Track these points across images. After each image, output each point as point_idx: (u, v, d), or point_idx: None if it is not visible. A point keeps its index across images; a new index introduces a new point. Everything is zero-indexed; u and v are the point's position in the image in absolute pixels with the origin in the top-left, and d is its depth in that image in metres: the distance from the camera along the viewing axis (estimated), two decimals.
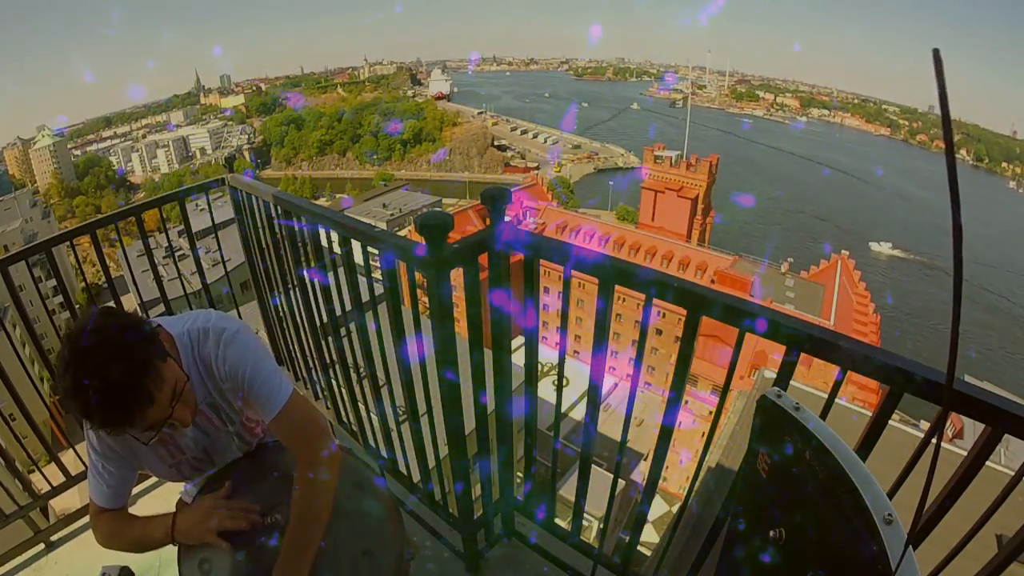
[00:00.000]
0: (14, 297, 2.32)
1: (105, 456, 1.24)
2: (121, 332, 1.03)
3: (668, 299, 1.39)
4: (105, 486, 1.26)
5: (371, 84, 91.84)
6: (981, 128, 77.33)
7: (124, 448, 1.25)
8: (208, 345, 1.23)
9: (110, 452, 1.24)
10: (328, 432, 1.28)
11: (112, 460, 1.25)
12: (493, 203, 1.59)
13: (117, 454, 1.24)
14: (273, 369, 1.26)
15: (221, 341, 1.23)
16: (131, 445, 1.24)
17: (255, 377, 1.22)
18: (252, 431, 1.41)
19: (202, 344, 1.23)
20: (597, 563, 2.03)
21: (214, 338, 1.23)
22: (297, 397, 1.27)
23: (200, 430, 1.32)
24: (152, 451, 1.27)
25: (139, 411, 1.03)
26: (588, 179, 70.05)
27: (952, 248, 0.49)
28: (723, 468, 5.61)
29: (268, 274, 2.78)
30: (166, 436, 1.28)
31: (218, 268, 3.53)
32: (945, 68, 0.46)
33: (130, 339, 1.03)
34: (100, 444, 1.23)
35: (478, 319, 1.74)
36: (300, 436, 1.24)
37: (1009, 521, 1.14)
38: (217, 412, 1.32)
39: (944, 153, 0.49)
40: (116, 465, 1.25)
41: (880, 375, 1.11)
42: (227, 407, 1.32)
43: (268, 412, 1.23)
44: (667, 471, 18.07)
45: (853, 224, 57.52)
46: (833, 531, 0.87)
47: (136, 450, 1.26)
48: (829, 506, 0.87)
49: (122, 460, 1.26)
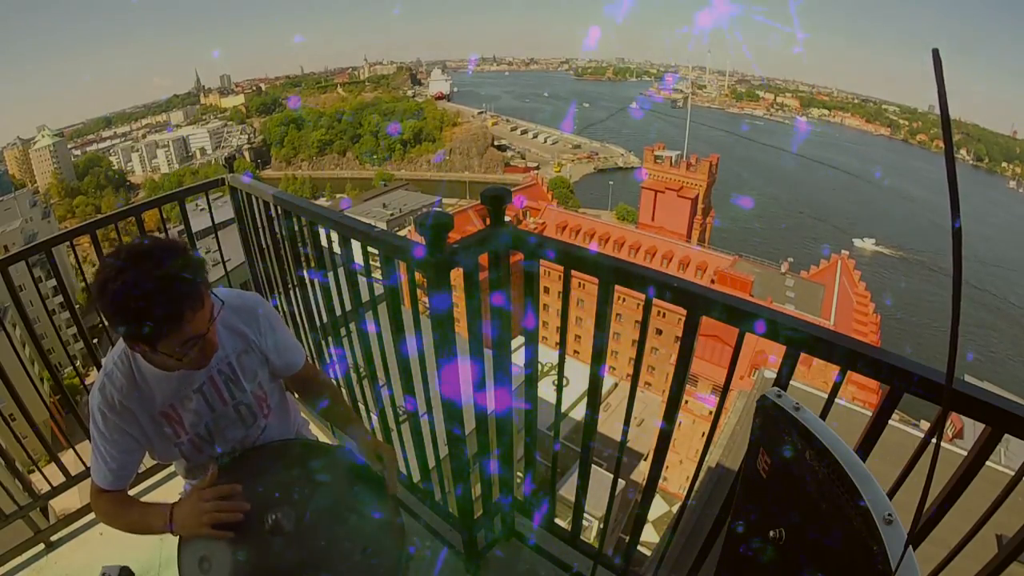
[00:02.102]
0: (14, 297, 2.32)
1: (111, 436, 1.24)
2: (173, 242, 1.14)
3: (668, 299, 1.39)
4: (107, 468, 1.27)
5: (371, 84, 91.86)
6: (981, 128, 77.35)
7: (131, 425, 1.25)
8: (243, 308, 1.35)
9: (116, 431, 1.24)
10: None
11: (117, 440, 1.25)
12: (493, 203, 1.59)
13: (123, 432, 1.25)
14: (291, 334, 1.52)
15: (256, 304, 1.39)
16: (138, 420, 1.26)
17: (287, 337, 1.45)
18: (259, 408, 1.42)
19: (231, 307, 1.30)
20: (597, 563, 2.03)
21: (249, 303, 1.38)
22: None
23: (206, 401, 1.33)
24: (157, 427, 1.29)
25: (190, 307, 1.08)
26: (588, 179, 70.06)
27: (952, 249, 0.49)
28: (723, 468, 5.62)
29: (268, 274, 2.78)
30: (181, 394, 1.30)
31: (218, 268, 3.53)
32: (945, 68, 0.46)
33: (183, 246, 1.12)
34: (106, 424, 1.24)
35: (478, 319, 1.74)
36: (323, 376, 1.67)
37: (1009, 521, 1.14)
38: (227, 383, 1.34)
39: (944, 154, 0.49)
40: (120, 445, 1.26)
41: (880, 375, 1.12)
42: (238, 377, 1.35)
43: (296, 364, 1.47)
44: (667, 471, 18.07)
45: (852, 224, 57.55)
46: (833, 531, 0.87)
47: (142, 425, 1.27)
48: (829, 506, 0.87)
49: (127, 439, 1.26)
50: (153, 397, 1.26)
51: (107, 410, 1.22)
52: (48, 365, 2.72)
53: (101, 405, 1.23)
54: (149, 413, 1.27)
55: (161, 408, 1.28)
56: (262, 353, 1.39)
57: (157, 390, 1.26)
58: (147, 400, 1.26)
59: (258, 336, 1.37)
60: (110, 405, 1.23)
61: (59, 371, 5.17)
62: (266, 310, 1.41)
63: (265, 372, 1.41)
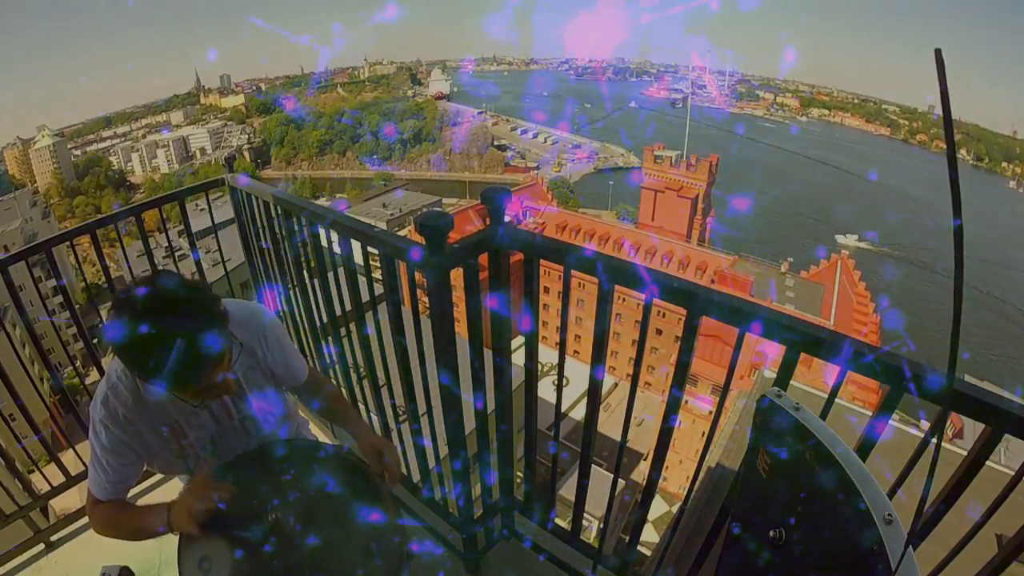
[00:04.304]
0: (14, 297, 2.32)
1: (113, 449, 1.22)
2: (193, 289, 1.07)
3: (668, 299, 1.39)
4: (106, 481, 1.25)
5: (371, 84, 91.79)
6: (981, 128, 77.22)
7: (135, 439, 1.23)
8: (250, 323, 1.32)
9: (119, 445, 1.22)
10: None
11: (119, 454, 1.23)
12: (493, 203, 1.59)
13: (126, 446, 1.23)
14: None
15: (261, 316, 1.37)
16: (142, 435, 1.24)
17: (292, 350, 1.46)
18: (264, 420, 1.41)
19: (236, 322, 1.26)
20: (597, 563, 2.03)
21: (255, 316, 1.35)
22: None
23: (212, 416, 1.33)
24: (161, 442, 1.27)
25: (211, 365, 1.06)
26: (588, 179, 70.00)
27: (953, 249, 0.49)
28: (723, 468, 5.61)
29: (268, 274, 2.78)
30: (182, 425, 1.29)
31: (218, 268, 3.53)
32: (946, 68, 0.46)
33: (204, 296, 1.07)
34: (109, 437, 1.21)
35: (478, 319, 1.74)
36: (322, 378, 1.71)
37: (1009, 521, 1.14)
38: (233, 398, 1.34)
39: (945, 154, 0.49)
40: (122, 459, 1.24)
41: (880, 375, 1.11)
42: (244, 393, 1.34)
43: (300, 376, 1.48)
44: (667, 471, 18.07)
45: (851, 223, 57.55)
46: (833, 531, 0.87)
47: (146, 440, 1.25)
48: (829, 506, 0.87)
49: (130, 452, 1.24)
50: (158, 412, 1.24)
51: (110, 423, 1.20)
52: (48, 365, 2.72)
53: (104, 419, 1.20)
54: (153, 428, 1.25)
55: (166, 423, 1.26)
56: (269, 368, 1.37)
57: (162, 406, 1.24)
58: (152, 415, 1.24)
59: (265, 351, 1.35)
60: (113, 419, 1.20)
61: (59, 371, 5.16)
62: (272, 323, 1.39)
63: (270, 386, 1.40)
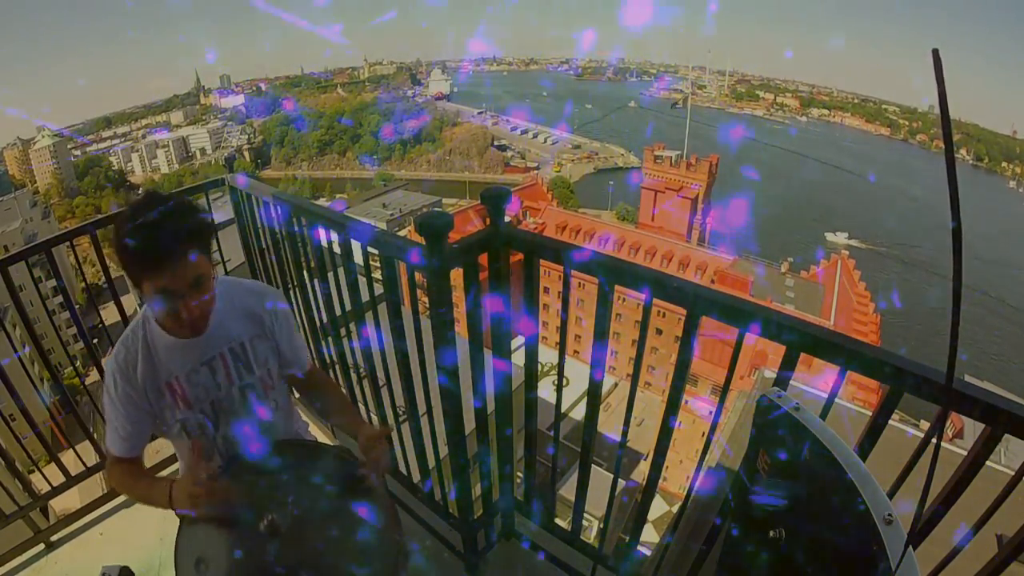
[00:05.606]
0: (14, 297, 2.32)
1: (120, 400, 1.29)
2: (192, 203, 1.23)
3: (668, 299, 1.39)
4: (117, 435, 1.32)
5: (371, 84, 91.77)
6: (981, 128, 77.19)
7: (142, 396, 1.30)
8: (264, 295, 1.43)
9: (126, 399, 1.29)
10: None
11: (127, 407, 1.29)
12: (493, 203, 1.59)
13: (130, 398, 1.29)
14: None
15: (276, 296, 1.46)
16: (144, 388, 1.30)
17: (299, 338, 1.51)
18: (264, 394, 1.44)
19: (250, 291, 1.43)
20: (597, 563, 2.03)
21: (270, 292, 1.46)
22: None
23: (212, 376, 1.36)
24: (158, 397, 1.32)
25: (197, 239, 1.17)
26: (588, 179, 69.99)
27: (952, 249, 0.49)
28: (723, 468, 5.61)
29: (268, 274, 2.78)
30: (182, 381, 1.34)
31: (217, 268, 3.54)
32: (945, 68, 0.46)
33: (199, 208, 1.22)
34: (118, 390, 1.28)
35: (478, 319, 1.74)
36: (324, 375, 1.77)
37: (1009, 521, 1.14)
38: (236, 362, 1.38)
39: (944, 154, 0.49)
40: (127, 415, 1.30)
41: (880, 375, 1.12)
42: (249, 360, 1.39)
43: (304, 361, 1.51)
44: (667, 471, 18.06)
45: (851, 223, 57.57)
46: (833, 531, 0.87)
47: (150, 398, 1.31)
48: (829, 506, 0.87)
49: (132, 406, 1.30)
50: (161, 367, 1.31)
51: (119, 375, 1.28)
52: (48, 365, 2.72)
53: (115, 371, 1.29)
54: (155, 383, 1.31)
55: (166, 379, 1.31)
56: (275, 341, 1.43)
57: (167, 359, 1.31)
58: (155, 369, 1.30)
59: (274, 324, 1.42)
60: (122, 370, 1.28)
61: (59, 371, 5.17)
62: (285, 308, 1.47)
63: (275, 361, 1.45)
